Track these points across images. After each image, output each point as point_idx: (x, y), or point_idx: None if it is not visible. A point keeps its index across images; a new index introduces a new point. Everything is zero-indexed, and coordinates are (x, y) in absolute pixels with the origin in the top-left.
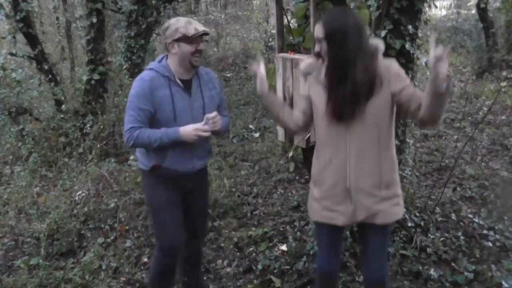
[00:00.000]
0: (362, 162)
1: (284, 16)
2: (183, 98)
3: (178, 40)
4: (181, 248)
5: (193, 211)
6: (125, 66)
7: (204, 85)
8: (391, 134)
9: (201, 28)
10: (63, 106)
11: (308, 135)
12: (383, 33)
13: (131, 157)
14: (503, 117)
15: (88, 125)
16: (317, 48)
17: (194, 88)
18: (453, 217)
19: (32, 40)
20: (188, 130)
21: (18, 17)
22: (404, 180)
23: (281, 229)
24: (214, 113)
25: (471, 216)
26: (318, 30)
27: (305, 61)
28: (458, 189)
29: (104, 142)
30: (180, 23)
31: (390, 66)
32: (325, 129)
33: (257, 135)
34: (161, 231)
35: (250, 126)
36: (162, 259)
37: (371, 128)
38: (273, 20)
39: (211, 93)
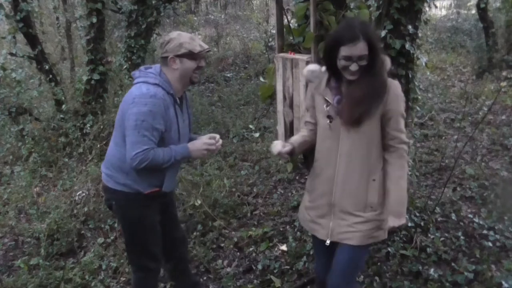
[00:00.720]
0: (349, 180)
1: (284, 16)
2: (181, 117)
3: (181, 56)
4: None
5: (173, 221)
6: (125, 66)
7: (187, 103)
8: (381, 156)
9: (205, 45)
10: (63, 106)
11: None
12: (383, 33)
13: None
14: (503, 117)
15: (88, 125)
16: (354, 67)
17: (184, 106)
18: (453, 217)
19: (32, 40)
20: (198, 145)
21: (18, 17)
22: None
23: (281, 229)
24: (217, 135)
25: (471, 216)
26: (360, 49)
27: (309, 67)
28: (458, 189)
29: (104, 142)
30: (184, 39)
31: (392, 87)
32: (321, 140)
33: (257, 135)
34: (147, 254)
35: (250, 126)
36: (147, 280)
37: (362, 147)
38: (273, 20)
39: (190, 110)
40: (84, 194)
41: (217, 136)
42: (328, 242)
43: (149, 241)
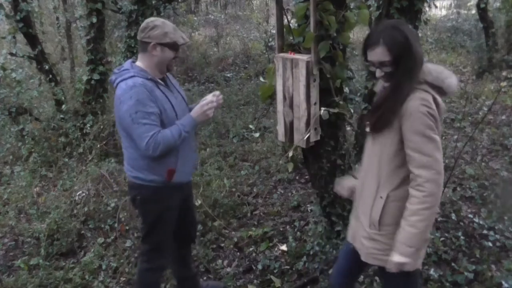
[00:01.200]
0: (364, 191)
1: (284, 16)
2: (172, 96)
3: (163, 45)
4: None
5: (190, 218)
6: None
7: (173, 81)
8: (397, 174)
9: (186, 38)
10: (63, 106)
11: (307, 135)
12: None
13: None
14: (503, 117)
15: (88, 125)
16: (378, 73)
17: (171, 85)
18: (453, 217)
19: (32, 40)
20: (199, 109)
21: (18, 17)
22: None
23: (281, 229)
24: (217, 92)
25: (471, 216)
26: (378, 54)
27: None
28: (458, 189)
29: (104, 142)
30: (169, 28)
31: (410, 102)
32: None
33: (257, 135)
34: (160, 248)
35: (250, 126)
36: (153, 273)
37: (376, 159)
38: (273, 20)
39: (180, 88)
40: (84, 194)
41: (217, 92)
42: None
43: (166, 234)
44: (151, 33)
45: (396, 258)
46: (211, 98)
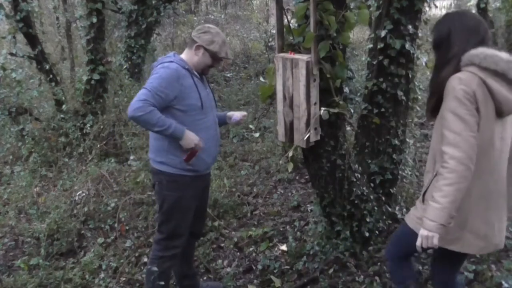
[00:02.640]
0: (427, 165)
1: (284, 16)
2: (203, 88)
3: (206, 50)
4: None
5: (199, 213)
6: (125, 66)
7: (208, 83)
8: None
9: (230, 56)
10: (63, 106)
11: (307, 135)
12: (383, 33)
13: (131, 157)
14: None
15: (88, 125)
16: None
17: (205, 82)
18: None
19: (32, 40)
20: (192, 137)
21: (18, 17)
22: (404, 180)
23: (281, 229)
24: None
25: None
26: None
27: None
28: None
29: (104, 142)
30: (218, 39)
31: (449, 81)
32: None
33: (257, 135)
34: (176, 235)
35: (250, 126)
36: (166, 261)
37: (433, 139)
38: (273, 20)
39: (213, 90)
40: (84, 194)
41: (200, 142)
42: None
43: (182, 223)
44: (202, 36)
45: (422, 231)
46: (201, 145)
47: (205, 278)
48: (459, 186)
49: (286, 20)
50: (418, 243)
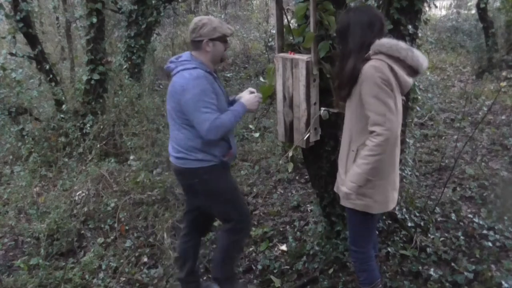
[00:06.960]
0: (341, 147)
1: (284, 16)
2: (223, 89)
3: (215, 39)
4: None
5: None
6: (125, 66)
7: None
8: (364, 132)
9: (232, 28)
10: (63, 106)
11: (307, 135)
12: None
13: (131, 157)
14: (503, 117)
15: (88, 125)
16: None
17: (217, 78)
18: (453, 217)
19: (32, 40)
20: (251, 98)
21: (18, 17)
22: (404, 180)
23: (281, 229)
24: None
25: (471, 216)
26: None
27: None
28: (458, 189)
29: (104, 142)
30: (216, 23)
31: (365, 68)
32: None
33: (257, 135)
34: (243, 212)
35: (250, 126)
36: (244, 235)
37: (347, 121)
38: (273, 20)
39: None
40: (84, 194)
41: (254, 90)
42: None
43: (239, 200)
44: (202, 31)
45: (343, 188)
46: (257, 94)
47: (205, 278)
48: (380, 157)
49: (286, 20)
50: (343, 199)
